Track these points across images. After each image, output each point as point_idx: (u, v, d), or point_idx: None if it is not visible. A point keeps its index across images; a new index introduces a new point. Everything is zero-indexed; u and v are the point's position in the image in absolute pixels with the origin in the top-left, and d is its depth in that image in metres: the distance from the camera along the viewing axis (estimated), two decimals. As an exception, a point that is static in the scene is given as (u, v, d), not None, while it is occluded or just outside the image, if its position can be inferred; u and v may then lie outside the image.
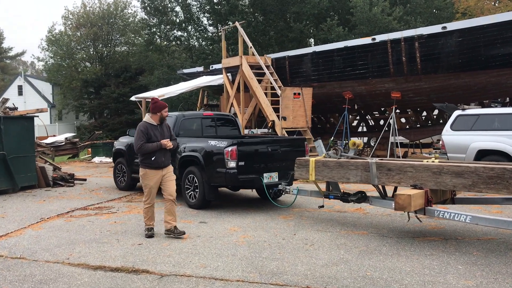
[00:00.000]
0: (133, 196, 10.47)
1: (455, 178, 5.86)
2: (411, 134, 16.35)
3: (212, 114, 10.42)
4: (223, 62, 17.26)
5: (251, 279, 4.87)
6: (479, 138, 10.14)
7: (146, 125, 6.55)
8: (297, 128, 14.74)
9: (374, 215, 7.96)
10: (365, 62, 15.00)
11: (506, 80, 13.34)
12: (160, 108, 6.61)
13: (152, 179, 6.57)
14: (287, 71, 16.83)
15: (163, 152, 6.57)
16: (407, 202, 5.77)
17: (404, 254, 5.61)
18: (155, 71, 35.74)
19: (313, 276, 4.92)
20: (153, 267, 5.30)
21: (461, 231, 6.69)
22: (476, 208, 7.98)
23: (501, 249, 5.74)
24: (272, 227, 7.16)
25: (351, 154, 7.21)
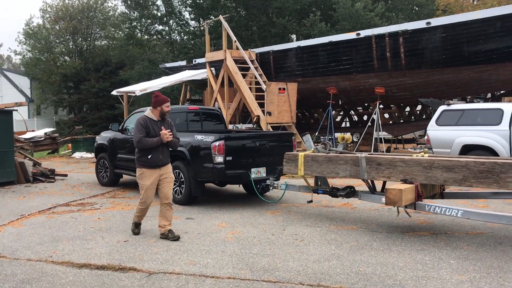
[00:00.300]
0: (116, 192, 10.26)
1: (445, 173, 5.83)
2: (394, 130, 16.44)
3: (198, 108, 10.25)
4: (207, 56, 17.06)
5: (242, 276, 4.76)
6: (464, 133, 10.20)
7: (145, 119, 6.13)
8: (282, 123, 14.67)
9: (362, 209, 7.92)
10: (349, 57, 15.00)
11: (488, 76, 13.48)
12: (161, 102, 6.15)
13: (149, 179, 6.13)
14: (272, 66, 16.73)
15: (160, 149, 6.12)
16: (398, 196, 5.73)
17: (396, 249, 5.57)
18: (136, 66, 35.25)
19: (306, 272, 4.83)
20: (141, 265, 5.15)
21: (450, 226, 6.69)
22: (462, 203, 7.99)
23: (491, 243, 5.74)
24: (261, 222, 7.05)
25: (340, 149, 7.15)
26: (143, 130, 6.03)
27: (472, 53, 13.20)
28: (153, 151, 6.06)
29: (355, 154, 6.65)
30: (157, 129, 6.10)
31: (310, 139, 7.53)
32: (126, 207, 8.43)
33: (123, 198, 9.40)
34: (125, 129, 10.34)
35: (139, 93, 16.73)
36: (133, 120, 10.15)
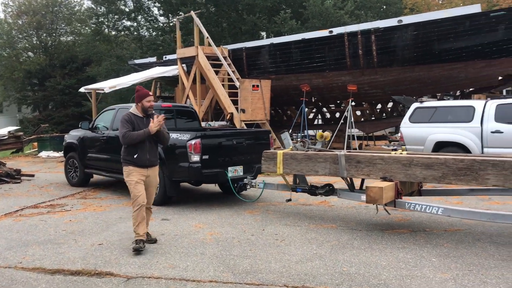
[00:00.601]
0: (87, 192, 9.93)
1: (425, 170, 5.84)
2: (366, 127, 16.57)
3: (171, 105, 10.01)
4: (178, 53, 16.79)
5: (224, 279, 4.62)
6: (437, 130, 10.32)
7: (130, 115, 5.68)
8: (256, 120, 14.57)
9: (339, 207, 7.89)
10: (322, 54, 15.01)
11: (458, 73, 13.72)
12: (141, 97, 5.70)
13: (136, 175, 5.63)
14: (245, 63, 16.60)
15: (147, 147, 5.64)
16: (378, 194, 5.69)
17: (377, 248, 5.53)
18: (103, 62, 34.54)
19: (289, 273, 4.73)
20: (117, 269, 4.94)
21: (427, 223, 6.72)
22: (436, 199, 8.06)
23: (469, 240, 5.77)
24: (239, 222, 6.92)
25: (319, 147, 7.09)
26: (128, 125, 5.58)
27: (443, 51, 13.41)
28: (139, 149, 5.59)
29: (334, 152, 6.60)
30: (143, 125, 5.64)
31: (288, 137, 7.44)
32: (98, 208, 8.15)
33: (95, 199, 9.09)
34: (96, 127, 10.01)
35: (108, 90, 16.32)
36: (104, 118, 9.87)
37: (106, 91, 16.36)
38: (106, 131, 9.58)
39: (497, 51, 12.96)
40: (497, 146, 9.54)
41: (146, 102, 5.70)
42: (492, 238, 5.82)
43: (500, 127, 9.60)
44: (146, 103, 5.70)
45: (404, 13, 33.00)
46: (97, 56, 36.20)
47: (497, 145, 9.56)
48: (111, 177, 9.64)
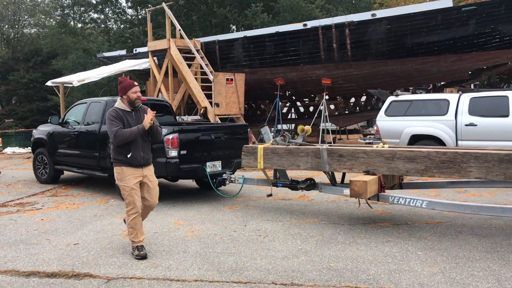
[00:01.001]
0: (58, 189, 9.57)
1: (408, 163, 5.82)
2: (340, 121, 16.63)
3: (145, 99, 9.71)
4: (149, 45, 16.41)
5: (210, 277, 4.47)
6: (412, 123, 10.39)
7: (116, 110, 5.07)
8: (230, 115, 14.39)
9: (319, 201, 7.84)
10: (296, 48, 14.93)
11: (430, 67, 13.89)
12: (125, 88, 5.06)
13: (130, 179, 5.04)
14: (218, 56, 16.37)
15: (140, 144, 5.09)
16: (363, 188, 5.64)
17: (362, 242, 5.48)
18: (70, 55, 33.56)
19: (276, 270, 4.61)
20: (97, 270, 4.72)
21: (408, 216, 6.72)
22: (414, 192, 8.10)
23: (452, 233, 5.79)
24: (220, 219, 6.77)
25: (300, 141, 6.99)
26: (117, 122, 4.97)
27: (415, 45, 13.54)
28: (133, 147, 5.02)
29: (316, 146, 6.51)
30: (132, 120, 5.07)
31: (268, 131, 7.33)
32: (70, 206, 7.85)
33: (66, 196, 8.76)
34: (66, 122, 9.64)
35: (77, 84, 15.81)
36: (75, 112, 9.53)
37: (75, 84, 15.84)
38: (77, 126, 9.24)
39: (468, 45, 13.17)
40: (471, 139, 9.67)
41: (132, 94, 5.06)
42: (473, 230, 5.86)
43: (474, 120, 9.73)
44: (133, 95, 5.06)
45: (374, 7, 33.28)
46: (63, 49, 35.14)
47: (471, 138, 9.69)
48: (83, 173, 9.32)
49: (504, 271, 4.43)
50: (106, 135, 8.43)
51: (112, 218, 6.90)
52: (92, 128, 8.80)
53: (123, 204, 7.92)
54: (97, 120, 8.74)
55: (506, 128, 9.39)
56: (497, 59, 13.44)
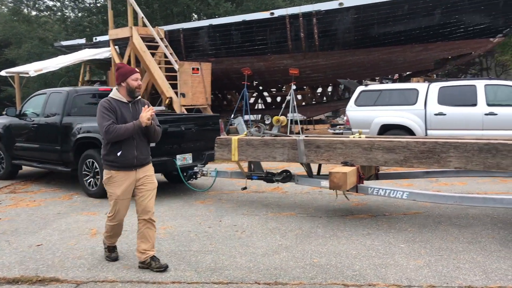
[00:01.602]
0: (16, 186, 9.01)
1: (386, 154, 5.69)
2: (307, 111, 16.53)
3: (110, 89, 9.23)
4: (110, 34, 15.77)
5: (188, 279, 4.20)
6: (382, 113, 10.36)
7: (110, 101, 4.35)
8: (197, 105, 14.02)
9: (293, 194, 7.66)
10: (264, 37, 14.67)
11: (396, 57, 13.94)
12: (125, 75, 4.33)
13: (119, 186, 4.35)
14: (182, 45, 15.92)
15: (135, 142, 4.36)
16: (342, 180, 5.47)
17: (342, 236, 5.33)
18: (24, 44, 32.15)
19: (258, 269, 4.39)
20: (64, 274, 4.36)
21: (385, 207, 6.64)
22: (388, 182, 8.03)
23: (431, 223, 5.73)
24: (193, 214, 6.48)
25: (275, 132, 6.77)
26: (110, 115, 4.24)
27: (382, 35, 13.54)
28: (124, 145, 4.29)
29: (292, 137, 6.31)
30: (129, 113, 4.34)
31: (242, 122, 7.05)
32: (31, 203, 7.36)
33: (26, 193, 8.24)
34: (24, 114, 9.07)
35: (33, 74, 15.02)
36: (34, 103, 9.00)
37: (32, 74, 15.04)
38: (36, 118, 8.69)
39: (433, 35, 13.27)
40: (440, 128, 9.73)
41: (133, 81, 4.33)
42: (452, 220, 5.82)
43: (443, 109, 9.79)
44: (133, 82, 4.33)
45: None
46: (17, 38, 33.63)
47: (440, 127, 9.75)
48: (44, 168, 8.80)
49: (489, 263, 4.37)
50: (68, 127, 8.01)
51: (78, 216, 6.50)
52: (52, 120, 8.29)
53: (88, 200, 7.56)
54: (58, 112, 8.25)
55: (475, 117, 9.49)
56: (461, 49, 13.62)
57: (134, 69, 4.44)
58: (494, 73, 36.12)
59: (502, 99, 9.53)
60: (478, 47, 13.51)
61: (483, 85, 9.59)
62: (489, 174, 6.10)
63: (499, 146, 5.14)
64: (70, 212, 6.77)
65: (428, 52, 13.61)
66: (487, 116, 9.35)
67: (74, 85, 24.05)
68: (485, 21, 12.67)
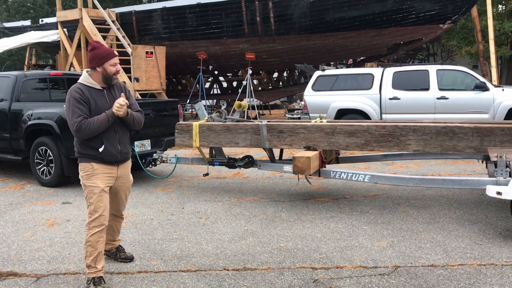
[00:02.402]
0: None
1: (348, 138, 5.77)
2: (263, 96, 16.53)
3: (61, 74, 8.86)
4: (58, 15, 15.08)
5: (155, 268, 4.11)
6: (339, 98, 10.51)
7: (81, 89, 3.65)
8: (151, 90, 13.70)
9: (254, 179, 7.66)
10: (219, 21, 14.47)
11: (351, 42, 14.14)
12: (102, 58, 3.66)
13: (102, 179, 3.73)
14: (135, 28, 15.48)
15: (117, 134, 3.78)
16: (306, 164, 5.51)
17: (306, 219, 5.38)
18: (-38, 26, 30.27)
19: (225, 255, 4.36)
20: (22, 267, 4.16)
21: (345, 190, 6.75)
22: (346, 165, 8.18)
23: (390, 205, 5.88)
24: (154, 202, 6.34)
25: (237, 117, 6.71)
26: (81, 108, 3.59)
27: (337, 20, 13.66)
28: (105, 138, 3.70)
29: (255, 122, 6.27)
30: (104, 102, 3.71)
31: (202, 107, 6.93)
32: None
33: (-27, 184, 7.80)
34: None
35: (-25, 57, 14.17)
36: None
37: (-27, 58, 14.18)
38: (-18, 104, 8.20)
39: (387, 21, 13.53)
40: (395, 112, 9.99)
41: (110, 67, 3.69)
42: (410, 202, 5.99)
43: (397, 93, 10.04)
44: (111, 68, 3.70)
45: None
46: (-47, 18, 31.59)
47: (395, 111, 10.01)
48: (-9, 157, 8.33)
49: (449, 242, 4.53)
50: (18, 114, 7.61)
51: (32, 206, 6.22)
52: (0, 107, 7.85)
53: (42, 190, 7.25)
54: (6, 98, 7.81)
55: (427, 101, 9.79)
56: (413, 34, 13.98)
57: (113, 51, 3.78)
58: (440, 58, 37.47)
59: (453, 84, 9.88)
60: (429, 32, 13.91)
61: (435, 70, 9.89)
62: (444, 156, 6.33)
63: (456, 129, 5.32)
64: (23, 202, 6.47)
65: (382, 38, 13.88)
66: (439, 100, 9.67)
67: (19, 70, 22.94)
68: (435, 8, 13.04)
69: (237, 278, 3.86)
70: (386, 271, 3.90)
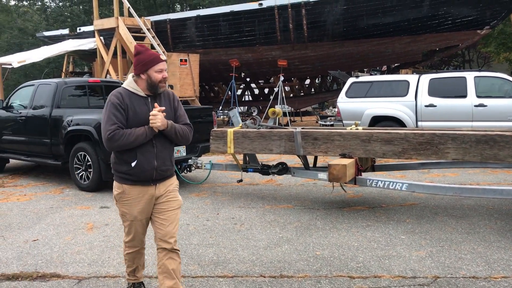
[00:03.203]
0: (4, 180, 8.81)
1: (384, 146, 5.70)
2: (295, 103, 16.51)
3: (99, 81, 9.10)
4: (95, 24, 15.48)
5: (192, 272, 4.15)
6: (373, 105, 10.39)
7: (121, 94, 3.20)
8: (185, 97, 13.88)
9: (288, 186, 7.65)
10: (252, 28, 14.57)
11: (385, 48, 13.99)
12: (148, 63, 3.19)
13: (134, 205, 3.27)
14: (169, 35, 15.72)
15: (155, 148, 3.23)
16: (342, 172, 5.48)
17: (342, 228, 5.33)
18: (3, 34, 31.47)
19: (261, 262, 4.36)
20: (64, 270, 4.27)
21: (381, 198, 6.67)
22: (381, 173, 8.07)
23: (428, 214, 5.77)
24: (189, 207, 6.41)
25: (271, 124, 6.73)
26: (117, 115, 3.13)
27: (371, 26, 13.55)
28: (140, 152, 3.18)
29: (289, 129, 6.27)
30: (145, 111, 3.20)
31: (237, 114, 6.99)
32: (22, 197, 7.21)
33: (15, 187, 8.07)
34: (10, 106, 8.86)
35: (17, 65, 14.69)
36: (21, 95, 8.79)
37: (15, 65, 14.69)
38: (24, 110, 8.50)
39: (422, 27, 13.34)
40: (431, 120, 9.81)
41: (156, 74, 3.20)
42: (448, 211, 5.86)
43: (433, 101, 9.86)
44: (157, 75, 3.21)
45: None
46: (-5, 28, 32.90)
47: (431, 119, 9.83)
48: (32, 161, 8.61)
49: (491, 253, 4.41)
50: (58, 120, 7.84)
51: (71, 210, 6.38)
52: (41, 113, 8.11)
53: (80, 194, 7.44)
54: (47, 104, 8.07)
55: (465, 108, 9.57)
56: (449, 41, 13.73)
57: (159, 56, 3.25)
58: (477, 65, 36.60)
59: (492, 91, 9.64)
60: (466, 39, 13.64)
61: (473, 77, 9.67)
62: (484, 165, 6.18)
63: (497, 138, 5.18)
64: (63, 206, 6.64)
65: (417, 44, 13.69)
66: (477, 107, 9.45)
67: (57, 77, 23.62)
68: (473, 13, 12.78)
69: (274, 285, 3.86)
70: (425, 282, 3.83)
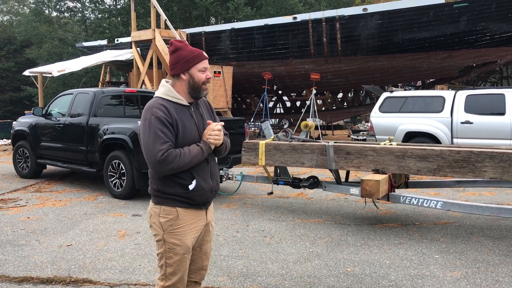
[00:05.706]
0: (41, 185, 9.06)
1: (419, 162, 5.59)
2: (327, 116, 16.43)
3: (135, 91, 9.29)
4: (133, 36, 15.84)
5: (221, 284, 4.15)
6: (407, 120, 10.23)
7: (164, 107, 2.60)
8: (218, 108, 14.01)
9: (318, 200, 7.58)
10: (285, 41, 14.63)
11: (420, 64, 13.80)
12: (188, 62, 2.65)
13: (189, 233, 2.70)
14: (204, 47, 15.94)
15: (206, 165, 2.73)
16: (375, 188, 5.39)
17: (374, 244, 5.24)
18: (44, 44, 32.54)
19: (290, 276, 4.32)
20: (96, 275, 4.34)
21: (414, 216, 6.53)
22: (414, 190, 7.92)
23: (463, 234, 5.61)
24: (219, 218, 6.43)
25: (303, 137, 6.71)
26: (166, 133, 2.57)
27: (406, 41, 13.40)
28: (196, 171, 2.66)
29: (321, 143, 6.24)
30: (192, 124, 2.69)
31: (269, 126, 6.99)
32: (57, 203, 7.39)
33: (51, 192, 8.28)
34: (49, 113, 9.14)
35: (56, 74, 15.16)
36: (60, 103, 9.05)
37: (55, 74, 15.18)
38: (62, 118, 8.75)
39: (458, 42, 13.11)
40: (467, 137, 9.57)
41: (199, 72, 2.68)
42: (484, 232, 5.69)
43: (469, 117, 9.63)
44: (200, 75, 2.69)
45: (355, 3, 33.23)
46: (38, 38, 34.04)
47: (467, 136, 9.59)
48: (68, 168, 8.84)
49: (530, 277, 4.25)
50: (95, 128, 8.02)
51: (105, 217, 6.50)
52: (78, 121, 8.33)
53: (114, 201, 7.57)
54: (84, 112, 8.28)
55: (503, 126, 9.31)
56: (487, 57, 13.43)
57: (202, 52, 2.75)
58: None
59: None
60: (505, 55, 13.31)
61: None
62: (523, 185, 5.97)
63: (538, 157, 5.01)
64: (97, 212, 6.77)
65: (453, 59, 13.45)
66: (516, 125, 9.17)
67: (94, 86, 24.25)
68: None
69: (304, 300, 3.81)
70: (461, 304, 3.71)
